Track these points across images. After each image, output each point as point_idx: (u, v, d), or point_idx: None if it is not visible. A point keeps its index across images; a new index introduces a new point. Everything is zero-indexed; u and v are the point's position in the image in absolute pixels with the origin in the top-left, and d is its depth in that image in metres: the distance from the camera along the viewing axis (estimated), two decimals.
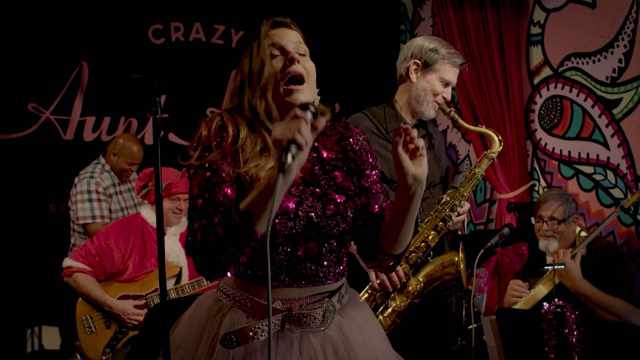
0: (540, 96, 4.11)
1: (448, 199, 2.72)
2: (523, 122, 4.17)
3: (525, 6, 4.16)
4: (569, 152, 3.92)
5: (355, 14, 5.32)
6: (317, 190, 1.64)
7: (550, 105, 4.05)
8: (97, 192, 4.07)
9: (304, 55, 1.70)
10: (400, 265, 2.65)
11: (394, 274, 2.59)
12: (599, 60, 3.70)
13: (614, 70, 3.61)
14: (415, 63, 2.68)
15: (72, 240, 4.19)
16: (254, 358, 1.57)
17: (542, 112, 4.12)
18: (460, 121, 2.67)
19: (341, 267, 1.72)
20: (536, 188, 4.18)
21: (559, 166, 3.99)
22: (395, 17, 5.42)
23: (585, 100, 3.80)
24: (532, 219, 3.28)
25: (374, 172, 1.77)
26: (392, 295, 2.69)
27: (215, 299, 1.71)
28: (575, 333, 2.38)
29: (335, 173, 1.70)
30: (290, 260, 1.61)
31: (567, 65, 3.91)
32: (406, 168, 1.55)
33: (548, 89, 4.05)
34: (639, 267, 3.18)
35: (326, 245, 1.64)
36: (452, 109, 2.68)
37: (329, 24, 5.21)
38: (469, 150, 4.76)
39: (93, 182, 4.08)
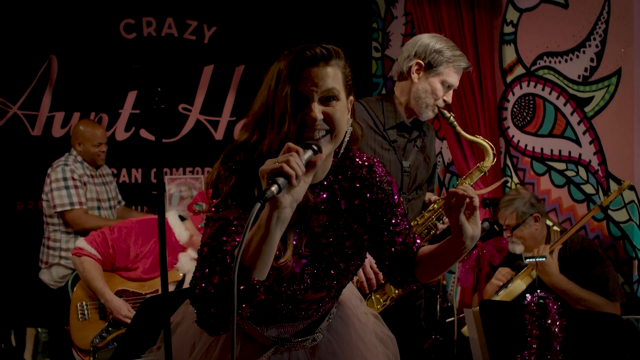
0: (513, 94, 4.20)
1: (436, 206, 2.74)
2: (496, 120, 4.25)
3: (499, 6, 4.24)
4: (542, 149, 4.01)
5: (326, 11, 5.33)
6: (323, 252, 1.62)
7: (523, 103, 4.13)
8: (73, 179, 4.03)
9: (332, 99, 1.53)
10: None
11: (372, 276, 2.59)
12: (571, 59, 3.79)
13: (585, 69, 3.71)
14: (417, 63, 2.61)
15: (46, 234, 4.12)
16: None
17: (514, 109, 4.20)
18: (458, 128, 2.62)
19: (336, 300, 1.80)
20: (509, 184, 4.26)
21: (532, 163, 4.08)
22: (367, 14, 5.45)
23: (557, 98, 3.89)
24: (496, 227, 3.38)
25: (397, 210, 1.75)
26: (369, 295, 2.71)
27: None
28: (557, 324, 2.44)
29: (344, 230, 1.66)
30: (289, 310, 1.65)
31: (539, 64, 4.00)
32: (466, 232, 1.53)
33: (521, 87, 4.14)
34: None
35: (326, 298, 1.68)
36: (451, 114, 2.63)
37: (300, 21, 5.21)
38: (441, 148, 4.83)
39: (68, 170, 4.04)
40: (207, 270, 1.43)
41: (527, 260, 2.94)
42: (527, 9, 4.06)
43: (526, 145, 4.12)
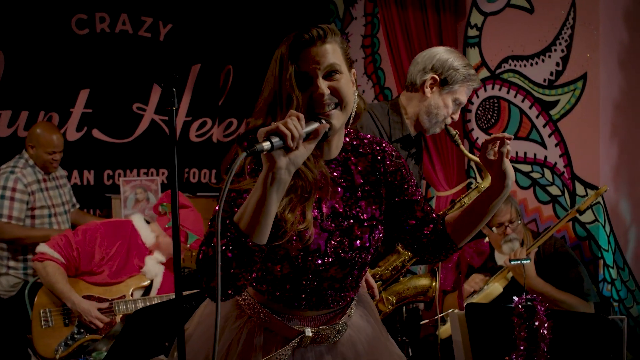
0: (477, 97, 4.25)
1: None
2: (460, 121, 4.29)
3: (463, 9, 4.28)
4: None
5: (283, 10, 5.25)
6: (344, 224, 1.66)
7: (487, 106, 4.19)
8: (14, 190, 3.79)
9: (335, 73, 1.59)
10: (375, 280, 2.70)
11: (365, 291, 2.58)
12: (536, 63, 3.87)
13: (551, 73, 3.79)
14: (433, 78, 2.57)
15: None
16: None
17: (479, 112, 4.25)
18: (462, 147, 2.62)
19: (358, 288, 1.82)
20: (473, 186, 4.30)
21: None
22: (325, 15, 5.41)
23: (522, 101, 3.96)
24: (489, 230, 3.37)
25: (411, 181, 1.81)
26: None
27: (233, 303, 1.74)
28: (545, 325, 2.48)
29: (362, 203, 1.71)
30: (313, 290, 1.66)
31: (504, 67, 4.06)
32: (508, 173, 1.65)
33: (485, 90, 4.19)
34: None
35: (349, 276, 1.69)
36: (456, 131, 2.62)
37: (256, 20, 5.12)
38: None
39: (12, 178, 3.80)
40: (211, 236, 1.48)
41: (513, 262, 2.97)
42: (492, 12, 4.12)
43: None
